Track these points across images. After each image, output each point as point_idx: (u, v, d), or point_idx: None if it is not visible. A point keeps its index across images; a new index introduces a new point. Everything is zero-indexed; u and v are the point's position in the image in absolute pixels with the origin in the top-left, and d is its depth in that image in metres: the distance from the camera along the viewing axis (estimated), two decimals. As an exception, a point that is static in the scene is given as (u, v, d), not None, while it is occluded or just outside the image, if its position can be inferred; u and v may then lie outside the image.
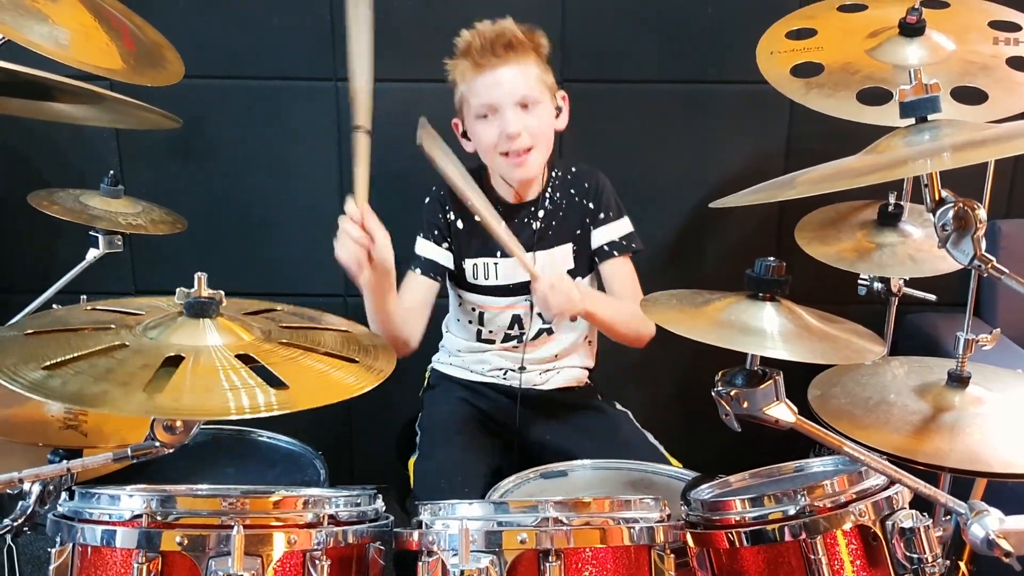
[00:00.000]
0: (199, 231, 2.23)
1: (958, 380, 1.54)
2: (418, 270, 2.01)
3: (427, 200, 2.06)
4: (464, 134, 1.99)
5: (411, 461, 1.97)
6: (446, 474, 1.81)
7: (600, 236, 2.04)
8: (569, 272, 2.02)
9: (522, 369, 2.05)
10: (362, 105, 1.71)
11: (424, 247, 2.03)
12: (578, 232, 2.04)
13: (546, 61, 1.93)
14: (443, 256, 2.02)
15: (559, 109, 1.96)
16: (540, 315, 2.02)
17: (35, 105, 1.89)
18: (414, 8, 2.45)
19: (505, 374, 2.07)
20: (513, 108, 1.86)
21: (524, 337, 2.04)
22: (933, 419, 1.49)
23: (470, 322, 2.08)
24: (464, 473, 1.81)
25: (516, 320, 2.04)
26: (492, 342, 2.07)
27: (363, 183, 1.71)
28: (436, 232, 2.02)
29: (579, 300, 1.81)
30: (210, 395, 1.08)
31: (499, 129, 1.87)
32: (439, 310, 2.18)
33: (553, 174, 2.05)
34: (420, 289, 1.99)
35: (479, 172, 2.01)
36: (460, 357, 2.13)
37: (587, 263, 2.07)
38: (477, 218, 1.83)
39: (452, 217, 2.02)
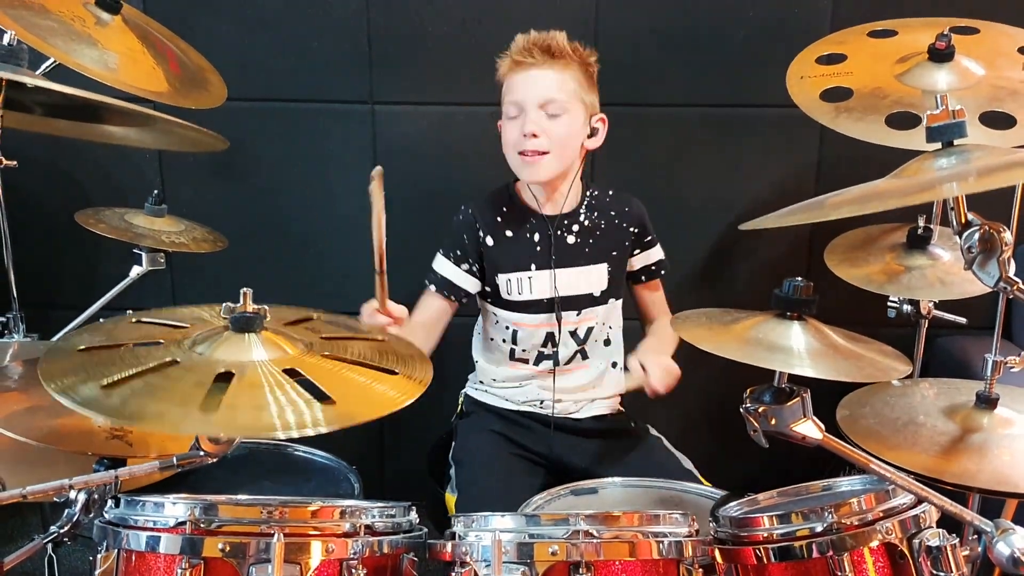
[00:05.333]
0: (238, 249, 2.27)
1: (986, 401, 1.55)
2: (432, 287, 2.04)
3: (456, 217, 2.07)
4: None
5: (448, 496, 1.97)
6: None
7: (640, 260, 2.11)
8: (603, 292, 2.05)
9: (558, 401, 2.06)
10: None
11: (442, 265, 2.05)
12: (614, 254, 2.06)
13: (590, 79, 1.96)
14: (460, 277, 2.04)
15: (594, 130, 1.99)
16: (571, 333, 2.05)
17: (85, 126, 1.96)
18: (450, 33, 2.49)
19: (542, 403, 2.07)
20: (537, 110, 1.89)
21: (557, 357, 2.05)
22: (961, 440, 1.51)
23: (504, 341, 2.08)
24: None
25: (549, 338, 2.04)
26: (526, 361, 2.07)
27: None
28: (458, 252, 2.04)
29: (674, 365, 1.86)
30: (263, 413, 1.11)
31: (521, 128, 1.90)
32: (466, 334, 2.22)
33: (589, 192, 2.07)
34: (432, 307, 2.03)
35: (509, 186, 2.06)
36: (496, 386, 2.13)
37: (621, 284, 2.10)
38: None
39: (482, 235, 2.03)
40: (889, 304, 2.12)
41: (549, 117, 1.90)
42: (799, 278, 1.31)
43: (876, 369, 1.32)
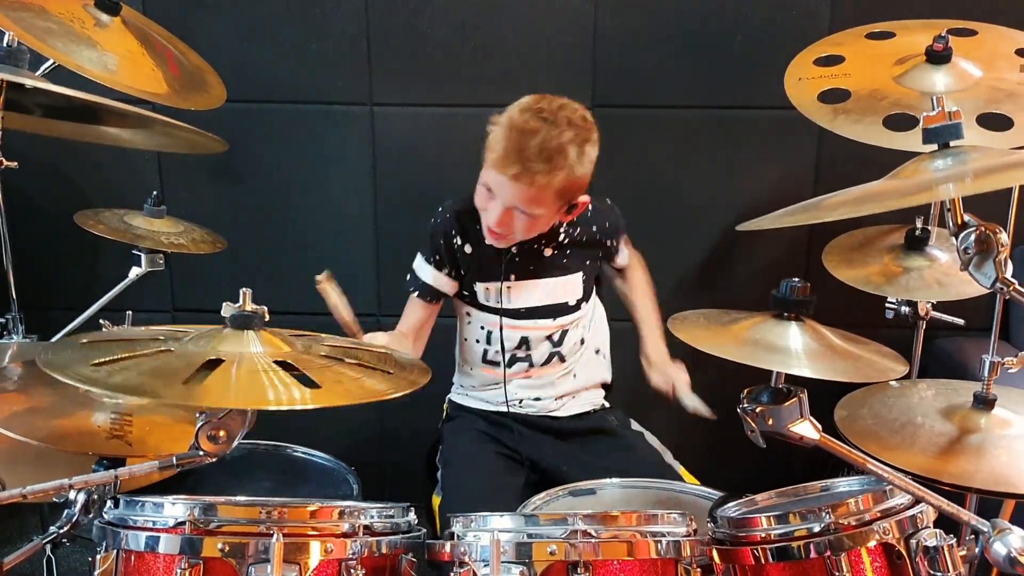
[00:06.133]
0: (237, 251, 2.28)
1: (984, 402, 1.55)
2: (415, 292, 2.03)
3: (433, 220, 2.03)
4: None
5: (435, 498, 1.97)
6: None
7: (619, 262, 2.14)
8: (578, 300, 2.04)
9: (537, 400, 2.07)
10: None
11: (423, 269, 2.02)
12: (588, 263, 2.04)
13: (586, 164, 1.80)
14: (442, 281, 2.02)
15: (574, 206, 1.88)
16: (547, 337, 2.05)
17: (85, 128, 1.97)
18: (448, 34, 2.50)
19: (520, 403, 2.07)
20: (506, 209, 1.80)
21: (531, 359, 2.05)
22: (959, 440, 1.51)
23: (477, 341, 2.06)
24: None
25: (524, 341, 2.03)
26: (497, 364, 2.05)
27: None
28: (437, 257, 2.01)
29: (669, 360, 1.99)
30: (246, 389, 1.13)
31: (490, 208, 1.83)
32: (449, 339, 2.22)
33: None
34: (417, 312, 2.03)
35: None
36: (478, 390, 2.13)
37: (592, 286, 2.10)
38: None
39: (459, 242, 2.00)
40: (887, 305, 2.12)
41: (520, 212, 1.81)
42: (796, 279, 1.32)
43: (873, 369, 1.33)
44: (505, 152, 1.74)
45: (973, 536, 1.25)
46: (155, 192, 2.15)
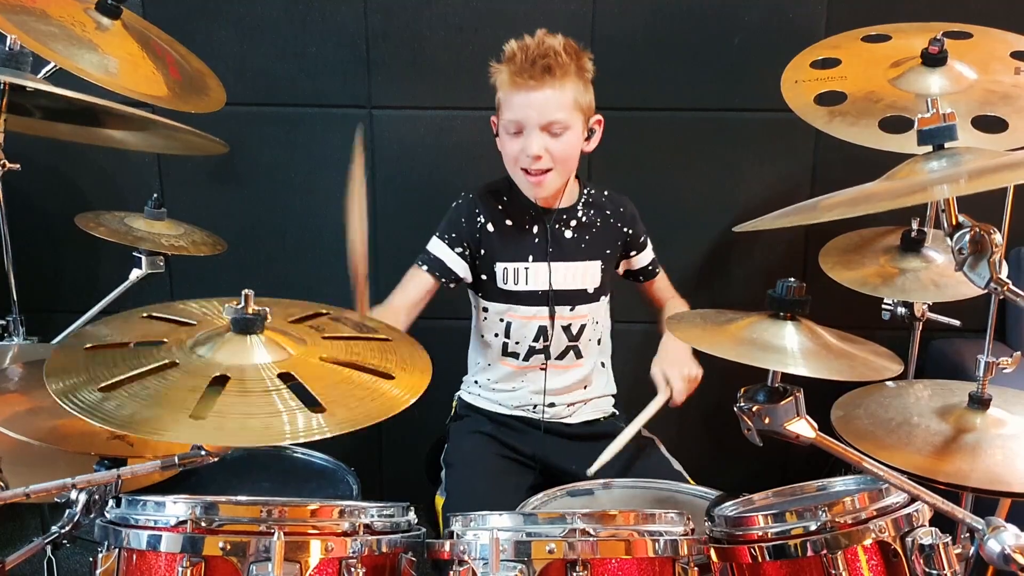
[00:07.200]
0: (237, 253, 2.28)
1: (979, 402, 1.56)
2: (424, 267, 2.03)
3: (456, 202, 2.09)
4: (498, 133, 2.01)
5: (438, 498, 1.99)
6: None
7: (638, 262, 2.16)
8: (596, 290, 2.06)
9: (551, 405, 2.08)
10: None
11: (435, 245, 2.05)
12: (607, 251, 2.08)
13: (587, 81, 1.95)
14: (452, 259, 2.04)
15: (591, 132, 2.00)
16: (564, 328, 2.05)
17: (86, 130, 1.98)
18: (447, 38, 2.51)
19: (534, 408, 2.08)
20: (538, 131, 1.89)
21: (548, 351, 2.05)
22: (955, 440, 1.52)
23: (496, 335, 2.08)
24: None
25: (541, 332, 2.04)
26: (516, 356, 2.07)
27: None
28: (453, 235, 2.04)
29: (696, 370, 1.94)
30: (252, 422, 1.14)
31: (522, 147, 1.91)
32: (461, 337, 2.24)
33: (586, 191, 2.09)
34: (420, 285, 2.03)
35: (508, 178, 2.04)
36: (489, 389, 2.14)
37: (610, 283, 2.12)
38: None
39: (483, 220, 2.04)
40: (883, 307, 2.13)
41: (551, 136, 1.90)
42: (792, 279, 1.33)
43: (869, 369, 1.33)
44: (520, 67, 1.88)
45: (968, 534, 1.26)
46: (155, 194, 2.15)
